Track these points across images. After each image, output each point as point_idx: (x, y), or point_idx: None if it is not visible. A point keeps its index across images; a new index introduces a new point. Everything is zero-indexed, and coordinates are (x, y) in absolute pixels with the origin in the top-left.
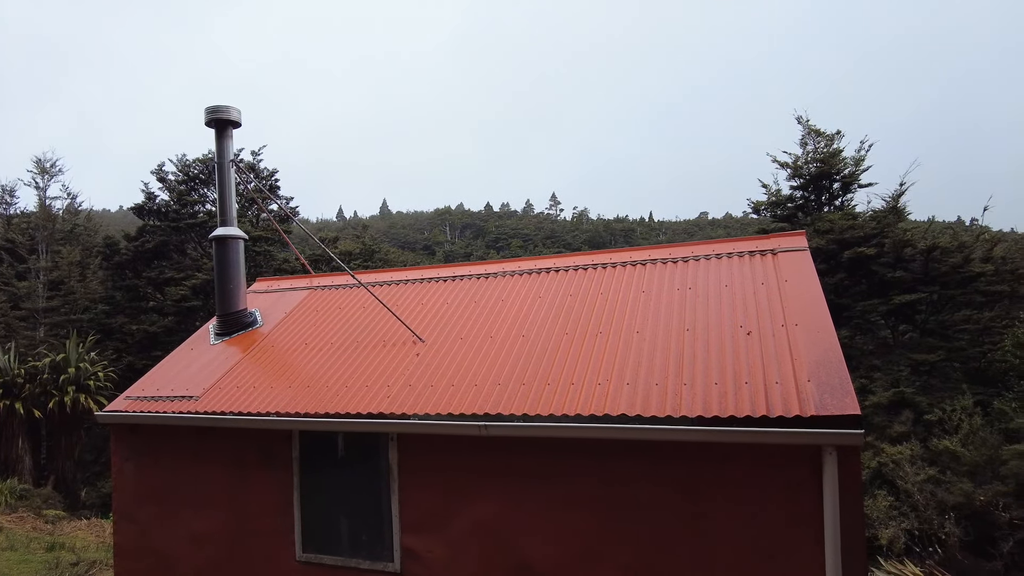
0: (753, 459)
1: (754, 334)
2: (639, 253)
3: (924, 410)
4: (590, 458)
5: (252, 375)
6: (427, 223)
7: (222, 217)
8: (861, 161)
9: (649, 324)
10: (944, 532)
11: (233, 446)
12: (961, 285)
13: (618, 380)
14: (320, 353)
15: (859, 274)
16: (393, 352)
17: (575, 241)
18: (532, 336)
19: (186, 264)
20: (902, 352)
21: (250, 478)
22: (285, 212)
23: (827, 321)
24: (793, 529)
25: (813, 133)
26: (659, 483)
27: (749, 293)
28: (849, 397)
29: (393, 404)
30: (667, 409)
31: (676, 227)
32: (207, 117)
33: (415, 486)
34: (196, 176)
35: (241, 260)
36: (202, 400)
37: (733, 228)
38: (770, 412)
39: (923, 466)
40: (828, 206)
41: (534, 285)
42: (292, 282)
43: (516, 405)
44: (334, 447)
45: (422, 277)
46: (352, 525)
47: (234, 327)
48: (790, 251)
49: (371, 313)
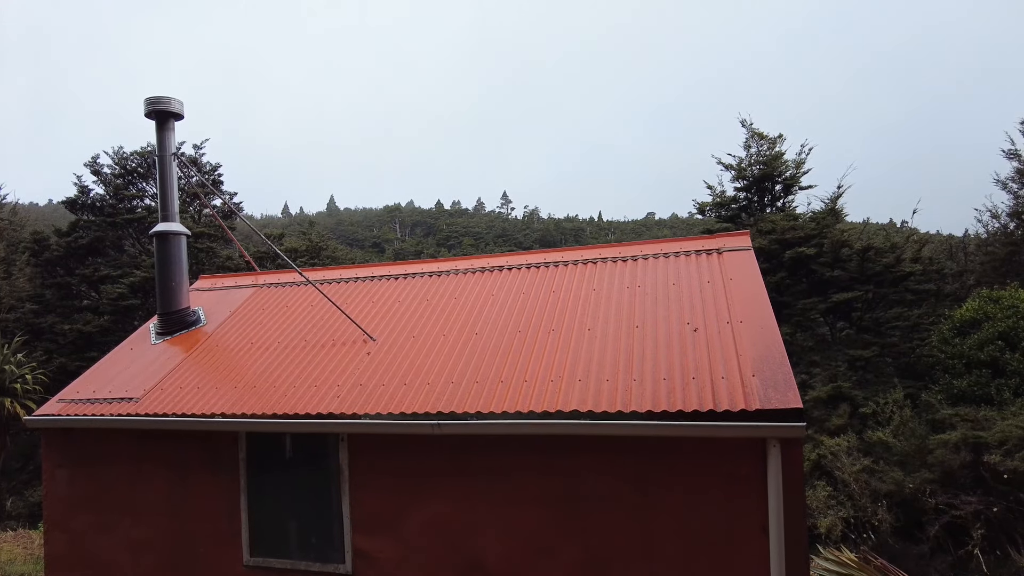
0: (700, 452)
1: (700, 331)
2: (589, 252)
3: (860, 403)
4: (542, 454)
5: (196, 375)
6: (376, 220)
7: (163, 212)
8: (802, 164)
9: (600, 321)
10: (877, 519)
11: (176, 449)
12: (893, 284)
13: (570, 376)
14: (267, 352)
15: (799, 273)
16: (343, 351)
17: (526, 240)
18: (485, 334)
19: (123, 261)
20: (840, 348)
21: (194, 482)
22: (229, 207)
23: (770, 318)
24: (739, 519)
25: (756, 136)
26: (610, 477)
27: (695, 291)
28: (792, 392)
29: (343, 404)
30: (617, 404)
31: (624, 227)
32: (147, 108)
33: (366, 486)
34: (134, 169)
35: (184, 257)
36: (143, 402)
37: (679, 228)
38: (716, 406)
39: (859, 457)
40: (770, 207)
41: (486, 283)
42: (237, 279)
43: (469, 403)
44: (282, 448)
45: (373, 275)
46: (302, 527)
47: (176, 326)
48: (735, 251)
49: (320, 311)
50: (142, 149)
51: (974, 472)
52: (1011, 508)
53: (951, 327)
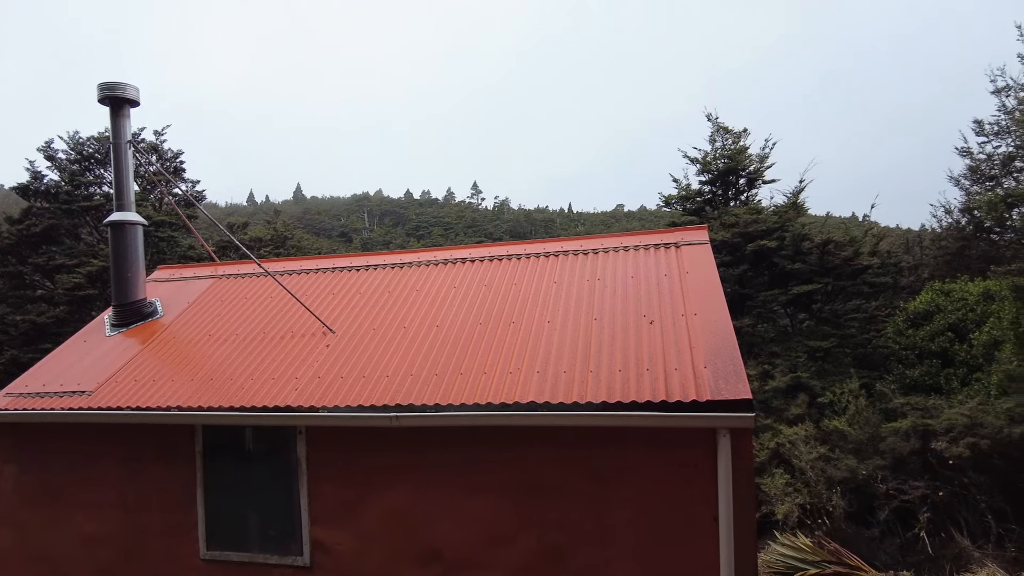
0: (654, 443)
1: (656, 323)
2: (552, 245)
3: (818, 393)
4: (500, 445)
5: (152, 368)
6: (344, 209)
7: (118, 201)
8: (765, 158)
9: (560, 314)
10: (832, 505)
11: (131, 443)
12: (851, 277)
13: (529, 368)
14: (225, 344)
15: (762, 266)
16: (302, 343)
17: (496, 231)
18: (446, 326)
19: (80, 250)
20: (800, 339)
21: (149, 476)
22: (188, 197)
23: (724, 311)
24: (690, 507)
25: (721, 130)
26: (566, 467)
27: (653, 284)
28: (742, 383)
29: (301, 396)
30: (574, 396)
31: (594, 219)
32: (100, 94)
33: (324, 479)
34: (91, 156)
35: (140, 247)
36: (96, 395)
37: (647, 220)
38: (669, 397)
39: (815, 445)
40: (734, 201)
41: (449, 275)
42: (196, 270)
43: (428, 395)
44: (240, 441)
45: (334, 266)
46: (260, 520)
47: (132, 318)
48: (692, 244)
49: (280, 303)
50: (99, 135)
51: (922, 458)
52: (955, 492)
53: (905, 319)
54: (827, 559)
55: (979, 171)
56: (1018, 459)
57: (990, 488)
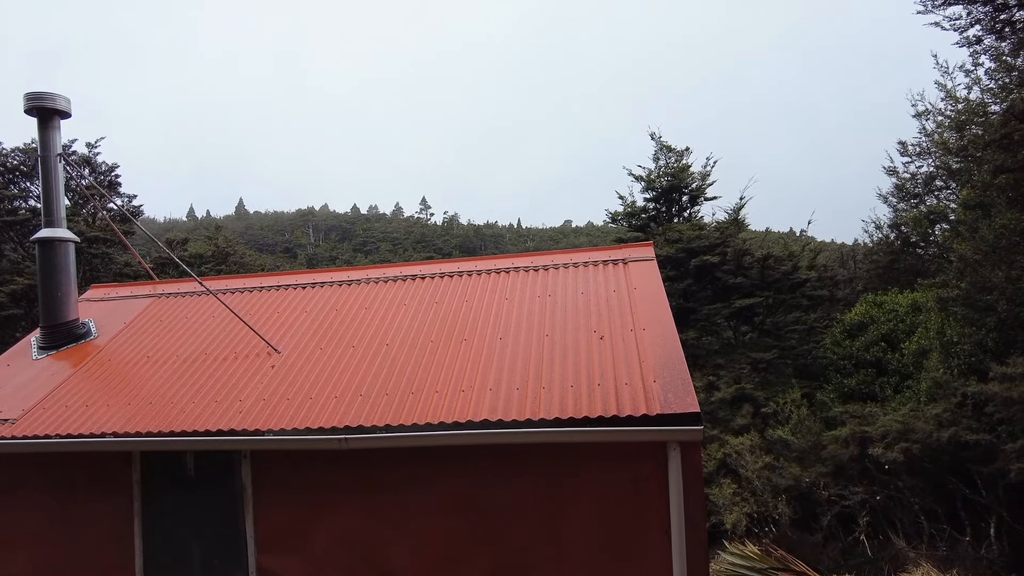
0: (606, 458)
1: (606, 338)
2: (503, 261)
3: (762, 403)
4: (454, 464)
5: (84, 392)
6: (288, 224)
7: (47, 217)
8: (707, 176)
9: (511, 330)
10: (778, 512)
11: (60, 473)
12: (791, 290)
13: (481, 386)
14: (164, 367)
15: (705, 280)
16: (246, 364)
17: (446, 246)
18: (396, 344)
19: (3, 267)
20: (743, 351)
21: (80, 508)
22: (124, 211)
23: (671, 326)
24: (642, 520)
25: (665, 149)
26: (519, 484)
27: (603, 300)
28: (690, 396)
29: (246, 420)
30: (527, 412)
31: (543, 234)
32: (27, 104)
33: (271, 504)
34: (16, 168)
35: (71, 265)
36: (20, 423)
37: (594, 236)
38: (620, 412)
39: (761, 454)
40: (678, 217)
41: (399, 292)
42: (133, 289)
43: (378, 416)
44: (182, 467)
45: (279, 284)
46: (203, 549)
47: (62, 339)
48: (639, 261)
49: (222, 323)
50: (25, 145)
51: (861, 464)
52: (891, 496)
53: (842, 330)
54: (775, 566)
55: (904, 189)
56: (947, 462)
57: (922, 491)
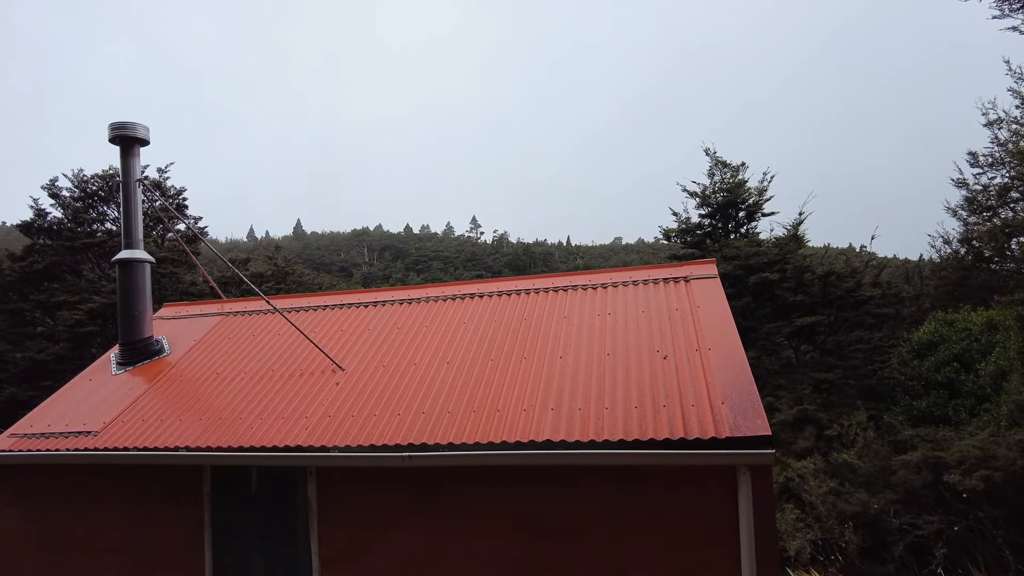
0: (671, 480)
1: (670, 358)
2: (560, 279)
3: (825, 425)
4: (514, 485)
5: (159, 407)
6: (344, 244)
7: (127, 239)
8: (764, 191)
9: (572, 349)
10: (844, 540)
11: (136, 484)
12: (854, 308)
13: (543, 405)
14: (233, 383)
15: (764, 297)
16: (311, 381)
17: (496, 264)
18: (456, 363)
19: (82, 286)
20: (804, 371)
21: (155, 518)
22: (193, 232)
23: (737, 345)
24: (709, 547)
25: (720, 164)
26: (582, 507)
27: (664, 319)
28: (760, 419)
29: (312, 436)
30: (590, 433)
31: (592, 251)
32: (111, 134)
33: (335, 520)
34: (95, 193)
35: (147, 285)
36: (102, 435)
37: (645, 253)
38: (687, 434)
39: (825, 479)
40: (734, 233)
41: (457, 311)
42: (202, 307)
43: (440, 434)
44: (249, 482)
45: (341, 303)
46: (268, 562)
47: (138, 356)
48: (702, 278)
49: (287, 340)
50: (103, 172)
51: (935, 491)
52: (970, 527)
53: (909, 349)
54: None
55: (976, 202)
56: None
57: (1006, 522)
